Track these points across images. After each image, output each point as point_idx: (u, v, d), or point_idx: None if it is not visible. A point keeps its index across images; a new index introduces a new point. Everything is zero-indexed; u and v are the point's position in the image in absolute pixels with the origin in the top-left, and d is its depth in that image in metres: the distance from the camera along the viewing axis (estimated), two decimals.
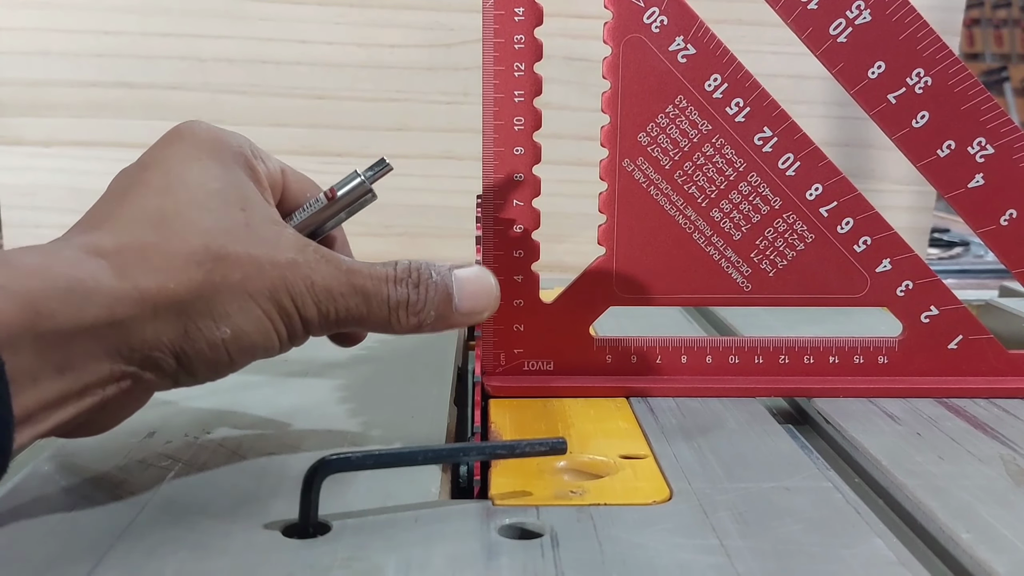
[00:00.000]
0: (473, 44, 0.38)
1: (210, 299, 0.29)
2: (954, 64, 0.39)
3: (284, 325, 0.31)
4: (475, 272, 0.34)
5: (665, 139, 0.40)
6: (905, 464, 0.34)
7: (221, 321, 0.30)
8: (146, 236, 0.29)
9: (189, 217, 0.30)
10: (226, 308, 0.30)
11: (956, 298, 0.42)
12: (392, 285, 0.32)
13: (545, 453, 0.31)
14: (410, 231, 0.82)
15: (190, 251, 0.29)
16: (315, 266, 0.31)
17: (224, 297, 0.29)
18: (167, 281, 0.29)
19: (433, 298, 0.33)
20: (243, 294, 0.30)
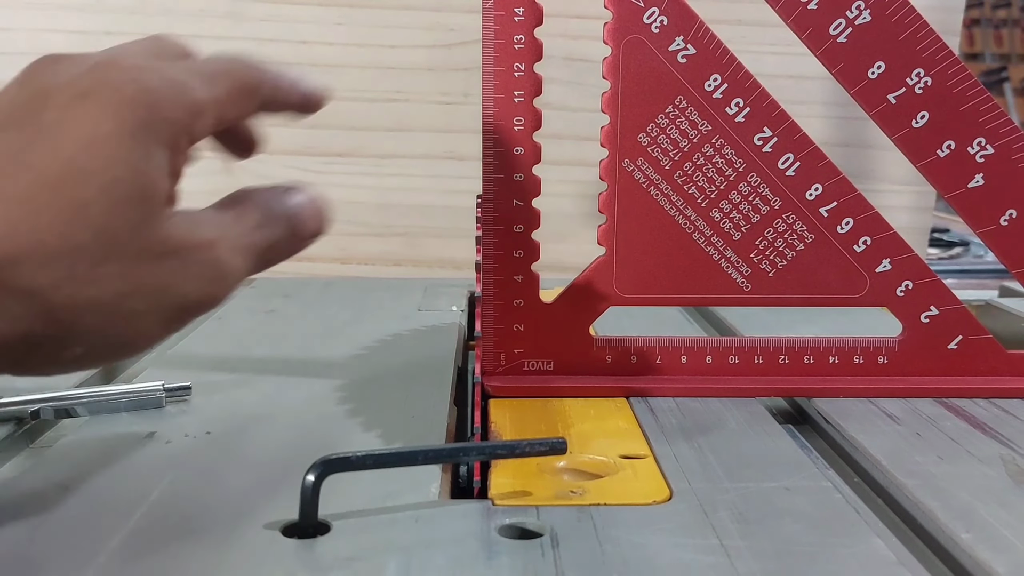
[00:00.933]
0: (473, 44, 0.38)
1: (59, 327, 0.26)
2: (954, 64, 0.39)
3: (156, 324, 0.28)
4: (309, 196, 0.33)
5: (665, 139, 0.40)
6: (905, 464, 0.34)
7: (72, 344, 0.26)
8: (10, 242, 0.25)
9: (74, 213, 0.25)
10: (86, 331, 0.26)
11: (956, 298, 0.42)
12: (260, 232, 0.30)
13: (545, 453, 0.31)
14: (410, 231, 0.82)
15: (53, 264, 0.25)
16: (200, 270, 0.28)
17: (84, 320, 0.26)
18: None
19: (287, 231, 0.31)
20: (113, 316, 0.26)
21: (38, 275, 0.25)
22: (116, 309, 0.26)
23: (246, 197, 0.31)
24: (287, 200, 0.32)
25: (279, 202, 0.31)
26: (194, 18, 0.78)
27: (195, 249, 0.28)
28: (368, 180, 0.80)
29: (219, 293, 0.29)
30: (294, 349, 0.50)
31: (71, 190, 0.25)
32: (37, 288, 0.25)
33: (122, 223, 0.26)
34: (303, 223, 0.32)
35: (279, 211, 0.31)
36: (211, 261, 0.28)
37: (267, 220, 0.31)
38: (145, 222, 0.26)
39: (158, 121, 0.27)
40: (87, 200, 0.25)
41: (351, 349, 0.49)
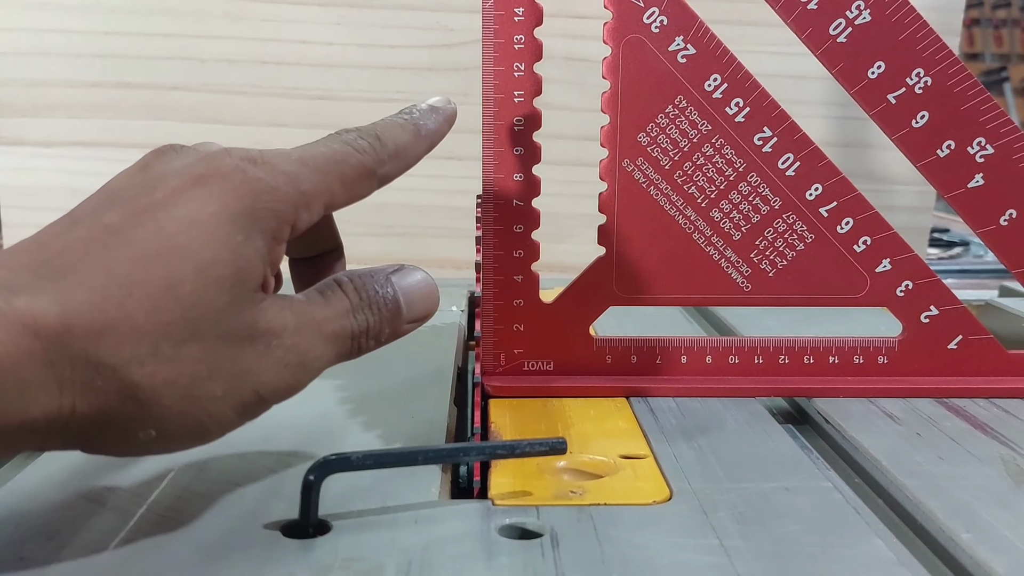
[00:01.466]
0: (473, 44, 0.38)
1: (139, 405, 0.25)
2: (954, 64, 0.39)
3: (235, 414, 0.27)
4: (418, 279, 0.32)
5: (665, 139, 0.40)
6: (905, 464, 0.34)
7: (146, 426, 0.26)
8: (100, 313, 0.24)
9: (168, 294, 0.25)
10: (161, 412, 0.26)
11: (956, 298, 0.42)
12: (351, 317, 0.29)
13: (545, 453, 0.31)
14: (410, 231, 0.82)
15: (142, 343, 0.25)
16: (281, 358, 0.28)
17: (162, 400, 0.25)
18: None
19: (387, 316, 0.30)
20: (189, 398, 0.26)
21: (121, 349, 0.24)
22: (194, 391, 0.26)
23: (345, 280, 0.30)
24: (390, 282, 0.31)
25: (380, 284, 0.30)
26: (194, 18, 0.78)
27: (278, 335, 0.27)
28: None
29: (299, 381, 0.28)
30: None
31: (165, 267, 0.25)
32: (119, 362, 0.24)
33: (211, 304, 0.26)
34: (407, 306, 0.31)
35: (378, 295, 0.30)
36: (293, 347, 0.28)
37: (363, 304, 0.30)
38: (235, 304, 0.26)
39: (262, 209, 0.27)
40: (180, 278, 0.25)
41: None
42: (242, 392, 0.27)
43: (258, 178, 0.27)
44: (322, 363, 0.29)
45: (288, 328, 0.28)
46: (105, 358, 0.24)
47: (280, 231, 0.28)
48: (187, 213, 0.26)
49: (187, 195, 0.27)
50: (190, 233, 0.26)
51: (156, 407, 0.25)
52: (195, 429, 0.26)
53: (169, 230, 0.26)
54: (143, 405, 0.25)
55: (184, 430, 0.26)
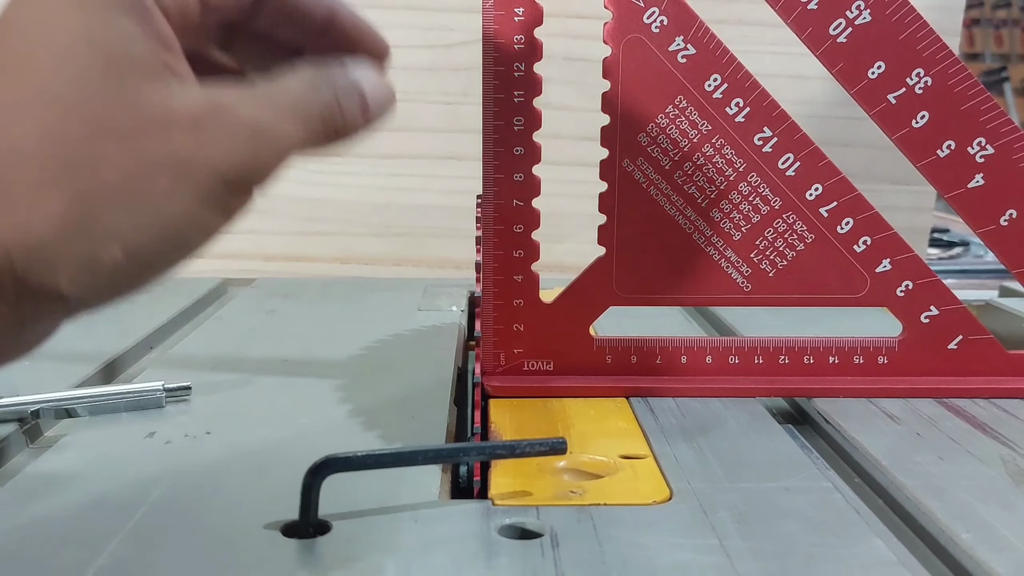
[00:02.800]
0: (473, 44, 0.38)
1: (81, 229, 0.23)
2: (954, 64, 0.39)
3: (210, 209, 0.24)
4: (367, 67, 0.28)
5: (665, 139, 0.40)
6: (905, 464, 0.34)
7: (105, 243, 0.23)
8: None
9: (37, 103, 0.23)
10: (108, 226, 0.23)
11: (956, 298, 0.42)
12: (313, 91, 0.26)
13: (545, 453, 0.31)
14: (410, 231, 0.82)
15: (41, 165, 0.22)
16: (228, 132, 0.24)
17: (103, 214, 0.23)
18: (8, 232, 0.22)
19: (355, 99, 0.27)
20: (135, 198, 0.23)
21: (34, 171, 0.22)
22: (136, 191, 0.23)
23: (293, 65, 0.26)
24: (344, 65, 0.27)
25: (338, 69, 0.27)
26: None
27: (212, 114, 0.24)
28: (368, 180, 0.80)
29: (262, 157, 0.25)
30: (294, 349, 0.50)
31: (22, 72, 0.23)
32: (47, 180, 0.22)
33: (92, 96, 0.23)
34: (370, 95, 0.27)
35: (338, 73, 0.27)
36: (238, 119, 0.24)
37: (325, 79, 0.26)
38: (124, 93, 0.23)
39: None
40: (44, 76, 0.23)
41: (351, 349, 0.49)
42: (196, 179, 0.24)
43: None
44: (286, 139, 0.25)
45: (223, 103, 0.24)
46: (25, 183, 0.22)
47: (145, 3, 0.24)
48: (26, 11, 0.23)
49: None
50: (36, 29, 0.23)
51: (105, 219, 0.23)
52: (163, 234, 0.23)
53: (11, 38, 0.23)
54: (91, 218, 0.22)
55: (152, 241, 0.23)
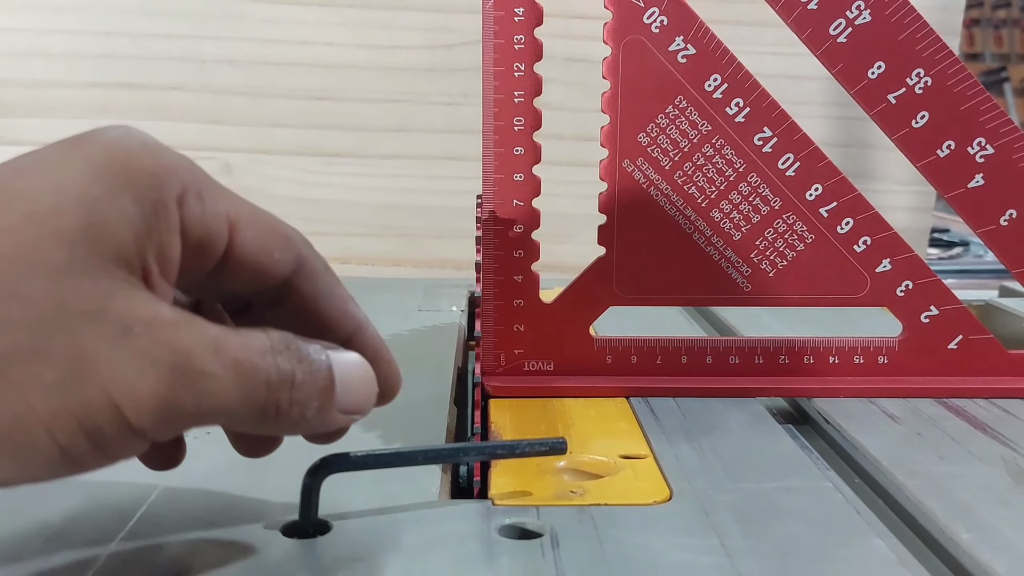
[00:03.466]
0: (473, 45, 0.38)
1: None
2: (954, 64, 0.39)
3: (85, 439, 0.20)
4: (356, 360, 0.25)
5: (665, 139, 0.40)
6: (905, 464, 0.34)
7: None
8: None
9: None
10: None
11: (956, 298, 0.42)
12: (269, 356, 0.22)
13: (545, 453, 0.31)
14: (410, 231, 0.82)
15: None
16: (150, 351, 0.20)
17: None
18: None
19: (316, 383, 0.24)
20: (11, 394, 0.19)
21: None
22: (9, 366, 0.19)
23: (271, 329, 0.24)
24: (324, 352, 0.24)
25: (313, 349, 0.24)
26: (194, 19, 0.78)
27: (146, 322, 0.20)
28: (368, 180, 0.80)
29: (176, 394, 0.20)
30: None
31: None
32: None
33: (42, 259, 0.20)
34: (342, 386, 0.24)
35: (309, 355, 0.24)
36: (167, 343, 0.21)
37: (289, 353, 0.23)
38: (77, 266, 0.20)
39: (137, 169, 0.22)
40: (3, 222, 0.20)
41: None
42: (85, 386, 0.19)
43: (142, 142, 0.22)
44: (212, 390, 0.21)
45: (163, 320, 0.21)
46: None
47: (162, 202, 0.22)
48: (33, 162, 0.21)
49: (47, 151, 0.22)
50: (30, 180, 0.21)
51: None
52: (9, 431, 0.19)
53: (4, 176, 0.21)
54: None
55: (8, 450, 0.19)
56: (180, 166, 0.23)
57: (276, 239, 0.25)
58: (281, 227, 0.25)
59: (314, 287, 0.25)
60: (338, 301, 0.26)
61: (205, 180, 0.23)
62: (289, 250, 0.25)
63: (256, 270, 0.24)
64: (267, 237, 0.24)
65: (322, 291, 0.26)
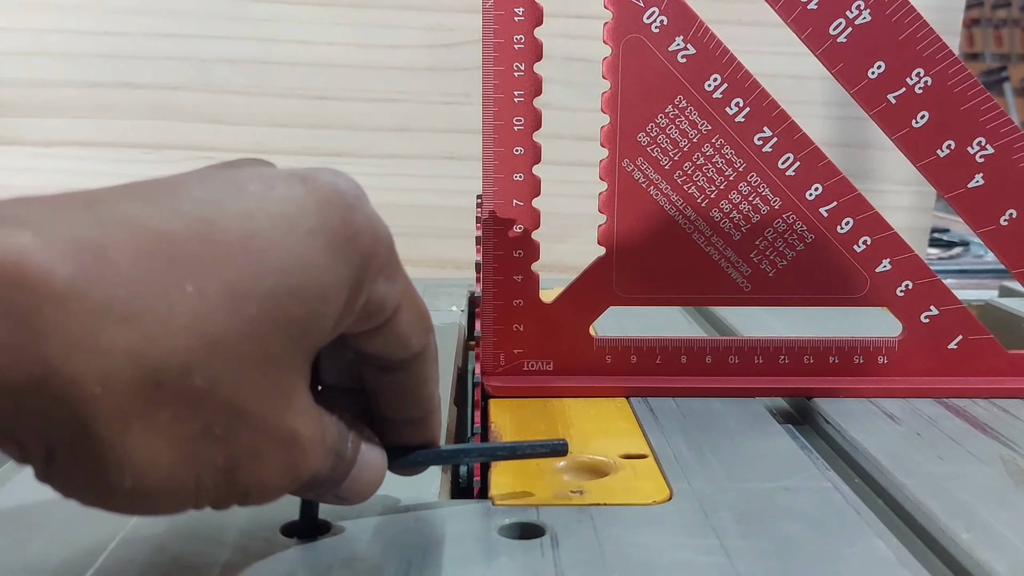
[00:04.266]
0: (473, 44, 0.38)
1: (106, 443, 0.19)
2: (954, 64, 0.39)
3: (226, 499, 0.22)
4: (379, 461, 0.26)
5: (665, 139, 0.40)
6: (905, 464, 0.34)
7: (120, 472, 0.19)
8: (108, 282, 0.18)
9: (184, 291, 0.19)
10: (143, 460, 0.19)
11: (956, 298, 0.42)
12: (326, 455, 0.24)
13: (546, 455, 0.31)
14: (410, 231, 0.82)
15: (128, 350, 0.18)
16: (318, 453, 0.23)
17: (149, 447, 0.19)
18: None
19: (335, 472, 0.25)
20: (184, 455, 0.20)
21: (127, 336, 0.19)
22: (194, 449, 0.20)
23: (327, 410, 0.24)
24: (358, 447, 0.26)
25: (351, 440, 0.25)
26: (194, 19, 0.78)
27: (307, 439, 0.22)
28: (368, 180, 0.80)
29: (279, 489, 0.23)
30: None
31: (244, 262, 0.20)
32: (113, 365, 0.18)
33: (274, 337, 0.20)
34: (351, 481, 0.25)
35: (346, 449, 0.25)
36: (304, 465, 0.23)
37: (337, 446, 0.25)
38: (296, 352, 0.21)
39: (357, 249, 0.22)
40: (254, 284, 0.20)
41: None
42: (239, 475, 0.21)
43: (365, 212, 0.22)
44: (305, 477, 0.23)
45: (316, 432, 0.23)
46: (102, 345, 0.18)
47: (362, 285, 0.22)
48: (279, 212, 0.21)
49: (280, 192, 0.21)
50: (280, 241, 0.20)
51: (138, 453, 0.19)
52: (173, 493, 0.20)
53: (256, 225, 0.20)
54: (107, 446, 0.19)
55: (160, 490, 0.20)
56: (386, 241, 0.23)
57: (420, 326, 0.25)
58: (427, 314, 0.25)
59: (420, 373, 0.26)
60: (430, 387, 0.27)
61: (393, 255, 0.24)
62: (424, 337, 0.25)
63: (392, 346, 0.25)
64: (415, 322, 0.25)
65: (424, 377, 0.26)
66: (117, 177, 0.21)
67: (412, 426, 0.27)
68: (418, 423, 0.27)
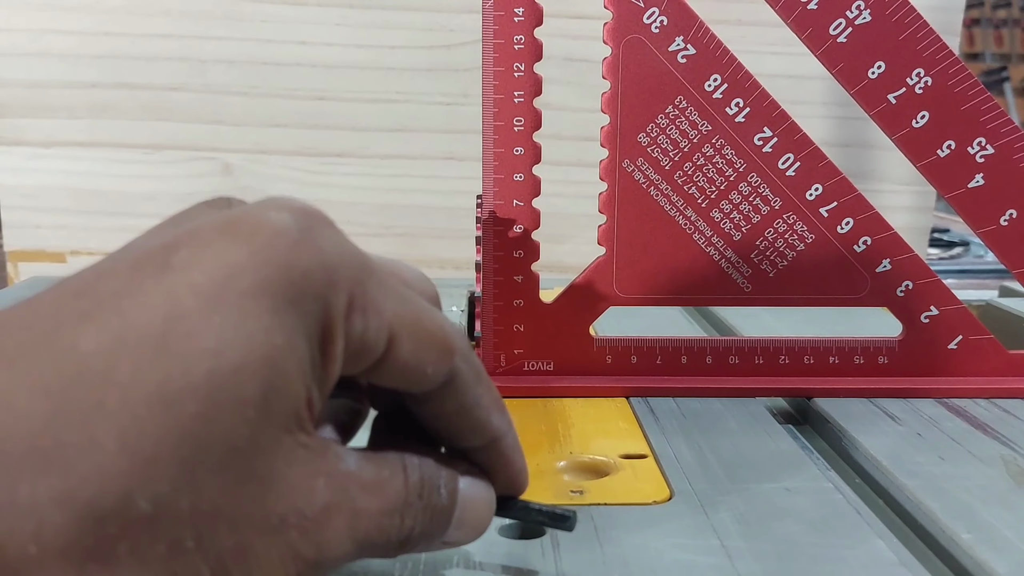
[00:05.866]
0: (473, 45, 0.38)
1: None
2: (954, 64, 0.39)
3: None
4: (486, 498, 0.24)
5: (665, 139, 0.40)
6: (906, 465, 0.34)
7: None
8: (57, 429, 0.17)
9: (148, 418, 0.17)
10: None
11: (956, 298, 0.42)
12: (399, 517, 0.22)
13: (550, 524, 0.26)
14: (410, 231, 0.82)
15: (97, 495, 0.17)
16: (325, 524, 0.20)
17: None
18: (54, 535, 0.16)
19: (432, 532, 0.23)
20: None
21: (65, 482, 0.17)
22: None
23: (413, 462, 0.22)
24: (455, 484, 0.23)
25: (444, 483, 0.23)
26: (194, 19, 0.78)
27: (298, 510, 0.19)
28: (368, 180, 0.80)
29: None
30: None
31: (162, 366, 0.17)
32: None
33: (220, 440, 0.18)
34: (456, 525, 0.23)
35: (438, 496, 0.23)
36: (312, 533, 0.20)
37: (421, 506, 0.22)
38: (252, 447, 0.18)
39: (311, 296, 0.19)
40: (182, 389, 0.17)
41: None
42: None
43: (317, 247, 0.19)
44: (335, 565, 0.20)
45: (315, 504, 0.20)
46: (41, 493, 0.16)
47: (331, 331, 0.20)
48: (207, 282, 0.18)
49: (212, 254, 0.19)
50: (208, 319, 0.18)
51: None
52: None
53: (179, 307, 0.18)
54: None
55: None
56: (348, 272, 0.20)
57: (432, 352, 0.22)
58: (442, 336, 0.22)
59: (459, 400, 0.23)
60: (482, 412, 0.24)
61: (371, 285, 0.20)
62: (443, 363, 0.22)
63: (404, 379, 0.22)
64: (424, 350, 0.22)
65: (468, 403, 0.23)
66: (117, 177, 0.21)
67: (483, 454, 0.24)
68: (485, 452, 0.24)
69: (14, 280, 0.82)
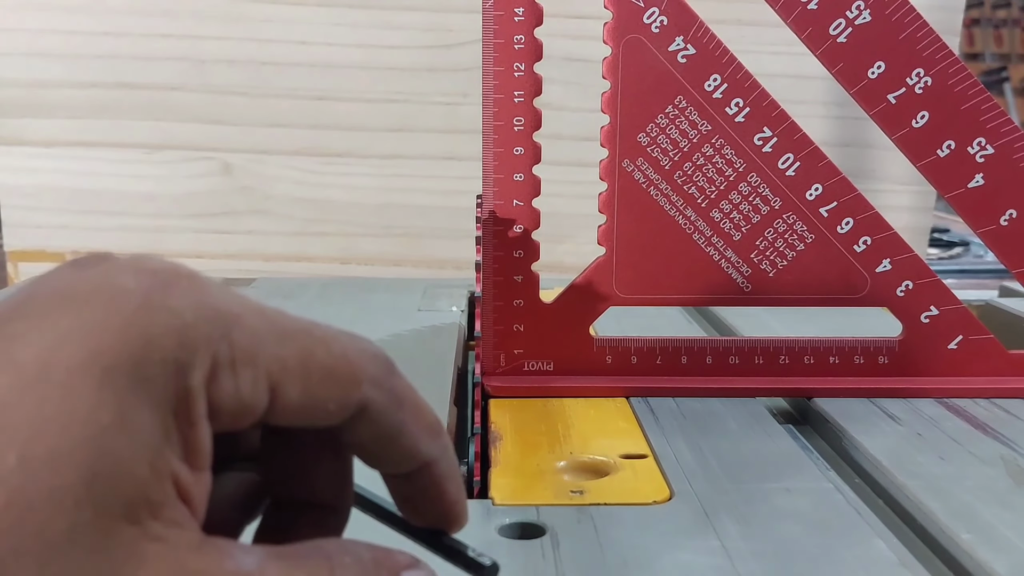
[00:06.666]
0: (473, 44, 0.38)
1: None
2: (954, 64, 0.39)
3: None
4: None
5: (665, 139, 0.40)
6: (906, 465, 0.34)
7: None
8: None
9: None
10: None
11: (956, 298, 0.42)
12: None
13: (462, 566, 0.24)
14: (410, 231, 0.82)
15: None
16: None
17: None
18: None
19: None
20: None
21: None
22: None
23: (324, 550, 0.19)
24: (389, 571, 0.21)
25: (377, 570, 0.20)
26: (194, 19, 0.78)
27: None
28: (368, 180, 0.80)
29: None
30: None
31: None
32: None
33: (39, 535, 0.15)
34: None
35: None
36: None
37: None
38: (82, 537, 0.16)
39: (157, 362, 0.17)
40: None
41: None
42: None
43: (165, 307, 0.17)
44: None
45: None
46: None
47: (185, 396, 0.17)
48: (31, 358, 0.16)
49: (44, 324, 0.17)
50: (23, 400, 0.16)
51: None
52: None
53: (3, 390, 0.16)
54: None
55: None
56: (207, 329, 0.18)
57: (332, 387, 0.20)
58: (345, 368, 0.20)
59: (374, 430, 0.21)
60: (405, 440, 0.21)
61: (238, 336, 0.18)
62: (347, 396, 0.20)
63: (304, 420, 0.20)
64: (320, 387, 0.19)
65: (385, 432, 0.21)
66: (117, 177, 0.21)
67: (410, 482, 0.22)
68: (413, 479, 0.22)
69: (14, 280, 0.82)
